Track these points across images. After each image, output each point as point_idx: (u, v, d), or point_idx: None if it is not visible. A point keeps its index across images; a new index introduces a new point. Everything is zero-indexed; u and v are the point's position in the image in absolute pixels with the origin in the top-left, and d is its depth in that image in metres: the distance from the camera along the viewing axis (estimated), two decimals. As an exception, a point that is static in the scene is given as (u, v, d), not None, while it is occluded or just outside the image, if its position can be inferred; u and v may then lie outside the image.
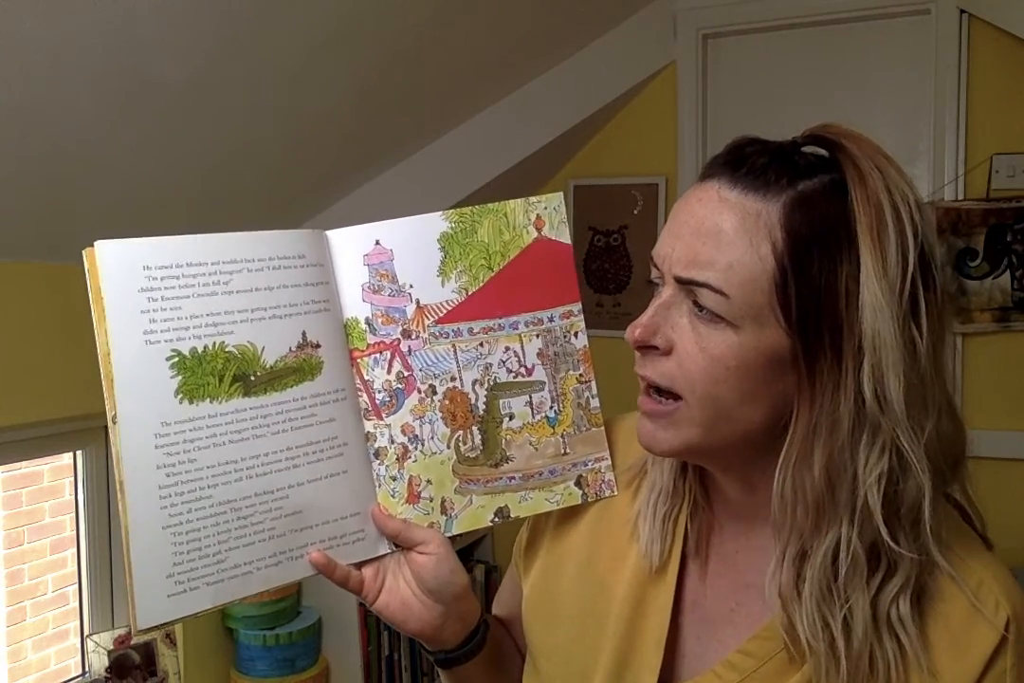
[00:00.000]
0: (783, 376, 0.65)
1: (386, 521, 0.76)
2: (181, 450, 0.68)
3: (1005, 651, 0.65)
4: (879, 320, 0.61)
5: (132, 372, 0.67)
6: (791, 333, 0.63)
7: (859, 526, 0.63)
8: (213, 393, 0.69)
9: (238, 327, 0.70)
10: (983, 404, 2.27)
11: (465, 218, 0.79)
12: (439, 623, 0.78)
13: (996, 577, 0.67)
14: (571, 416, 0.81)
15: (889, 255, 0.61)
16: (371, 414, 0.77)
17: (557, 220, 0.80)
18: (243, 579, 0.70)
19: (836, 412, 0.63)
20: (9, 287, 1.65)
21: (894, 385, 0.61)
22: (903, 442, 0.62)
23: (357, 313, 0.77)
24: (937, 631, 0.65)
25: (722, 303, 0.64)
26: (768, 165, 0.64)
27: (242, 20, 1.47)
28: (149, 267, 0.68)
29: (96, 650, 1.89)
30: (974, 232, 2.24)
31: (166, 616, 0.67)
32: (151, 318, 0.67)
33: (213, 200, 1.87)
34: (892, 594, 0.64)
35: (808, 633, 0.64)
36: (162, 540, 0.67)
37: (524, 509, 0.80)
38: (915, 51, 2.31)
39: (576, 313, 0.81)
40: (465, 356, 0.79)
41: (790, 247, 0.62)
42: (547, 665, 0.81)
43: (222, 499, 0.69)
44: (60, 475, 2.15)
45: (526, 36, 2.16)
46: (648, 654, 0.73)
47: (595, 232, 2.62)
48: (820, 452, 0.63)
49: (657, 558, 0.74)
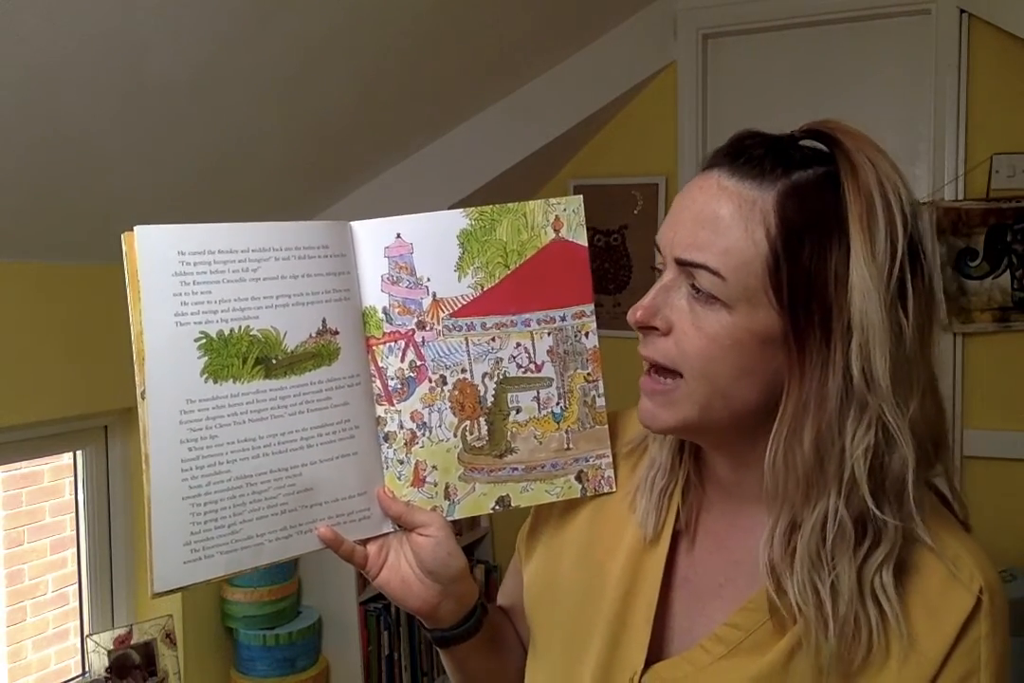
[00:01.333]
0: (775, 355, 0.68)
1: (390, 503, 0.80)
2: (204, 426, 0.72)
3: (978, 620, 0.68)
4: (867, 301, 0.64)
5: (162, 351, 0.70)
6: (782, 314, 0.66)
7: (846, 497, 0.66)
8: (236, 374, 0.73)
9: (263, 312, 0.74)
10: (983, 404, 2.27)
11: (485, 216, 0.81)
12: (436, 602, 0.81)
13: (971, 552, 0.70)
14: (576, 413, 0.83)
15: (878, 241, 0.64)
16: (383, 399, 0.81)
17: (576, 222, 0.83)
18: (255, 550, 0.74)
19: (825, 388, 0.66)
20: (9, 287, 1.65)
21: (880, 363, 0.64)
22: (888, 417, 0.65)
23: (375, 302, 0.80)
24: (915, 601, 0.68)
25: (718, 284, 0.67)
26: (765, 156, 0.68)
27: (242, 20, 1.47)
28: (183, 252, 0.71)
29: (96, 650, 1.89)
30: (974, 232, 2.25)
31: (181, 581, 0.71)
32: (182, 301, 0.71)
33: (213, 199, 1.87)
34: (876, 564, 0.67)
35: (799, 598, 0.67)
36: (181, 510, 0.71)
37: (525, 499, 0.83)
38: (915, 51, 2.31)
39: (588, 314, 0.83)
40: (477, 349, 0.82)
41: (783, 233, 0.66)
42: (546, 646, 0.84)
43: (239, 474, 0.73)
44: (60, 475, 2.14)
45: (526, 36, 2.16)
46: (638, 630, 0.76)
47: (595, 232, 2.62)
48: (810, 427, 0.66)
49: (651, 529, 0.77)
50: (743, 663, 0.71)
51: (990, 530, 0.76)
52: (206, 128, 1.67)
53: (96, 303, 1.70)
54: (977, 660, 0.67)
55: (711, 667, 0.72)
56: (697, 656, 0.74)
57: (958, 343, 2.28)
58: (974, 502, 0.76)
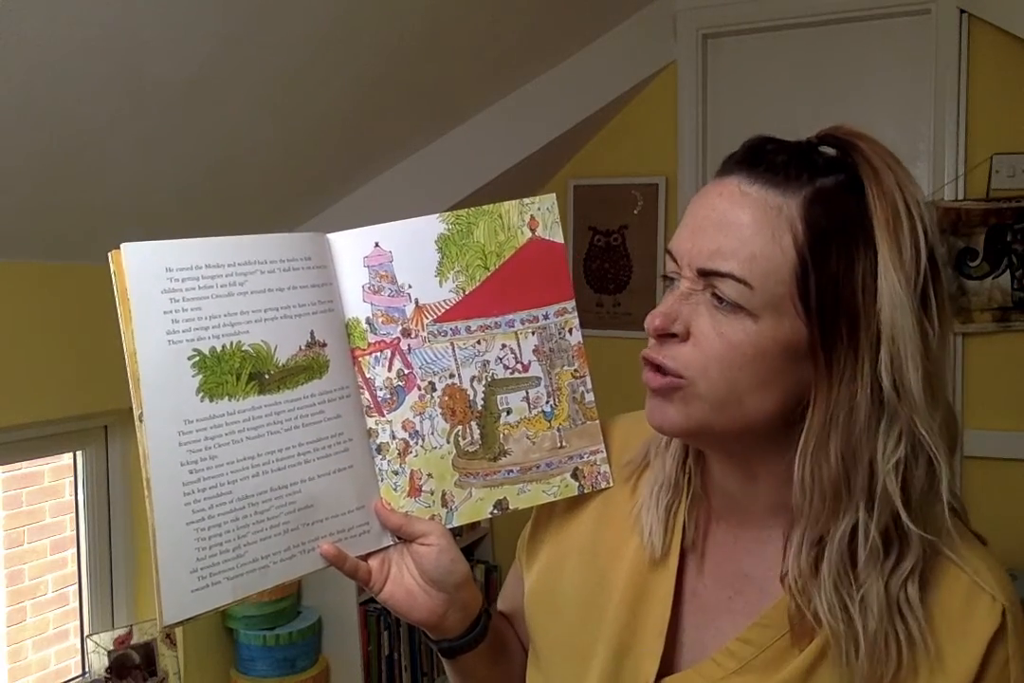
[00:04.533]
0: (799, 366, 0.66)
1: (388, 515, 0.79)
2: (203, 447, 0.70)
3: (1005, 640, 0.66)
4: (897, 311, 0.63)
5: (157, 371, 0.69)
6: (809, 323, 0.65)
7: (876, 511, 0.65)
8: (231, 391, 0.72)
9: (253, 327, 0.73)
10: (983, 404, 2.27)
11: (461, 220, 0.81)
12: (442, 612, 0.80)
13: (991, 569, 0.69)
14: (567, 410, 0.83)
15: (905, 248, 0.64)
16: (373, 411, 0.80)
17: (551, 220, 0.82)
18: (261, 573, 0.73)
19: (853, 401, 0.65)
20: (9, 287, 1.65)
21: (913, 374, 0.63)
22: (920, 429, 0.64)
23: (358, 313, 0.80)
24: (939, 616, 0.67)
25: (744, 293, 0.65)
26: (788, 162, 0.67)
27: (242, 20, 1.47)
28: (171, 269, 0.70)
29: (96, 650, 1.89)
30: (974, 232, 2.25)
31: (190, 611, 0.69)
32: (173, 319, 0.70)
33: (214, 199, 1.87)
34: (902, 578, 0.66)
35: (828, 615, 0.66)
36: (187, 536, 0.69)
37: (522, 501, 0.82)
38: (915, 51, 2.31)
39: (570, 310, 0.83)
40: (463, 353, 0.81)
41: (810, 239, 0.65)
42: (548, 654, 0.83)
43: (241, 494, 0.72)
44: (60, 475, 2.14)
45: (526, 36, 2.16)
46: (650, 642, 0.75)
47: (595, 232, 2.62)
48: (837, 440, 0.65)
49: (659, 548, 0.76)
50: (757, 679, 0.70)
51: (990, 530, 0.75)
52: (206, 128, 1.67)
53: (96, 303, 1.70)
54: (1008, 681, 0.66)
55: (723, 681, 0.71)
56: (709, 670, 0.72)
57: (958, 343, 2.28)
58: (974, 502, 0.76)
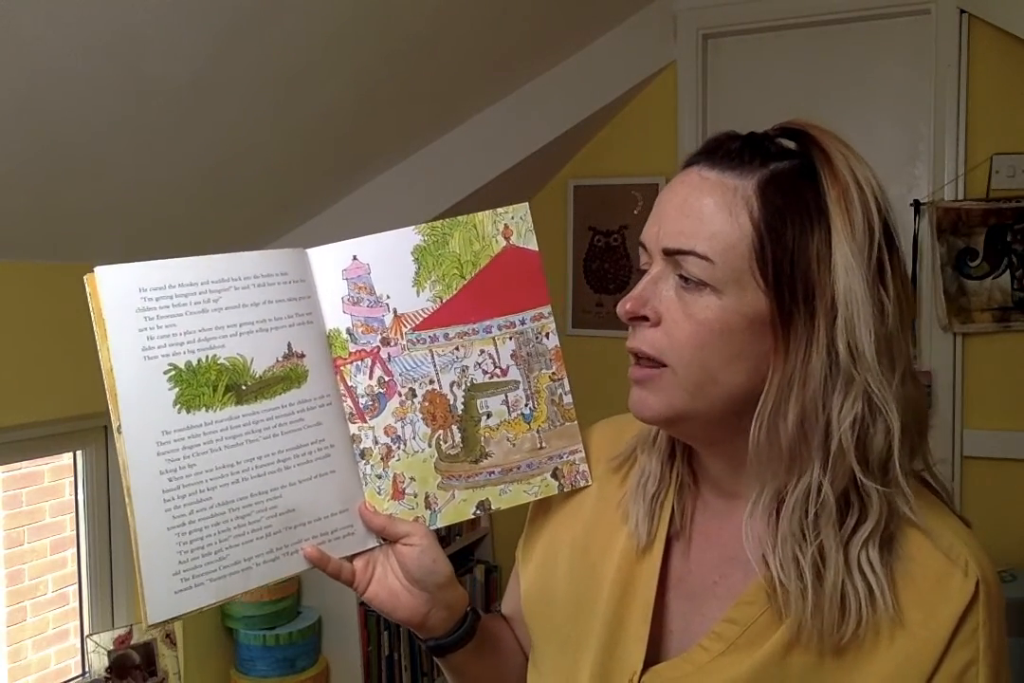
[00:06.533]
0: (763, 338, 0.70)
1: (372, 517, 0.81)
2: (181, 456, 0.73)
3: (976, 609, 0.68)
4: (851, 278, 0.67)
5: (133, 386, 0.72)
6: (768, 294, 0.69)
7: (831, 469, 0.68)
8: (208, 402, 0.75)
9: (228, 341, 0.76)
10: (983, 404, 2.27)
11: (436, 231, 0.84)
12: (425, 611, 0.82)
13: (966, 542, 0.71)
14: (545, 412, 0.86)
15: (856, 221, 0.68)
16: (355, 417, 0.82)
17: (524, 229, 0.85)
18: (243, 575, 0.75)
19: (809, 365, 0.68)
20: (9, 287, 1.65)
21: (866, 337, 0.67)
22: (873, 388, 0.68)
23: (338, 324, 0.82)
24: (908, 586, 0.69)
25: (707, 268, 0.69)
26: (743, 149, 0.72)
27: (242, 20, 1.47)
28: (144, 289, 0.73)
29: (96, 650, 1.89)
30: (974, 232, 2.25)
31: (173, 611, 0.73)
32: (148, 335, 0.73)
33: (213, 200, 1.88)
34: (863, 539, 0.69)
35: (780, 572, 0.69)
36: (167, 540, 0.72)
37: (504, 501, 0.85)
38: (915, 51, 2.31)
39: (547, 315, 0.86)
40: (442, 360, 0.84)
41: (765, 215, 0.69)
42: (544, 649, 0.85)
43: (221, 500, 0.74)
44: (60, 475, 2.15)
45: (526, 36, 2.16)
46: (635, 631, 0.77)
47: (595, 232, 2.62)
48: (794, 402, 0.69)
49: (644, 537, 0.78)
50: (741, 658, 0.72)
51: (990, 530, 0.76)
52: (206, 128, 1.67)
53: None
54: (976, 650, 0.68)
55: (710, 664, 0.73)
56: (697, 656, 0.74)
57: (958, 343, 2.28)
58: (974, 502, 0.76)
